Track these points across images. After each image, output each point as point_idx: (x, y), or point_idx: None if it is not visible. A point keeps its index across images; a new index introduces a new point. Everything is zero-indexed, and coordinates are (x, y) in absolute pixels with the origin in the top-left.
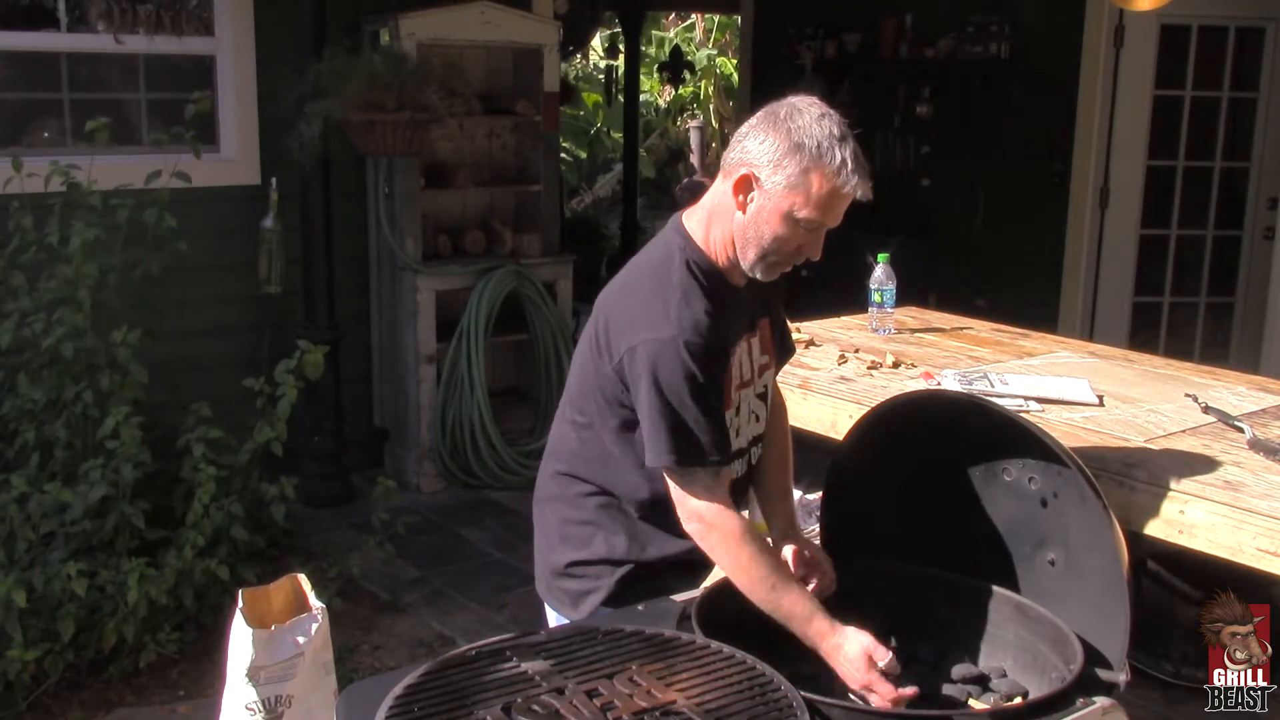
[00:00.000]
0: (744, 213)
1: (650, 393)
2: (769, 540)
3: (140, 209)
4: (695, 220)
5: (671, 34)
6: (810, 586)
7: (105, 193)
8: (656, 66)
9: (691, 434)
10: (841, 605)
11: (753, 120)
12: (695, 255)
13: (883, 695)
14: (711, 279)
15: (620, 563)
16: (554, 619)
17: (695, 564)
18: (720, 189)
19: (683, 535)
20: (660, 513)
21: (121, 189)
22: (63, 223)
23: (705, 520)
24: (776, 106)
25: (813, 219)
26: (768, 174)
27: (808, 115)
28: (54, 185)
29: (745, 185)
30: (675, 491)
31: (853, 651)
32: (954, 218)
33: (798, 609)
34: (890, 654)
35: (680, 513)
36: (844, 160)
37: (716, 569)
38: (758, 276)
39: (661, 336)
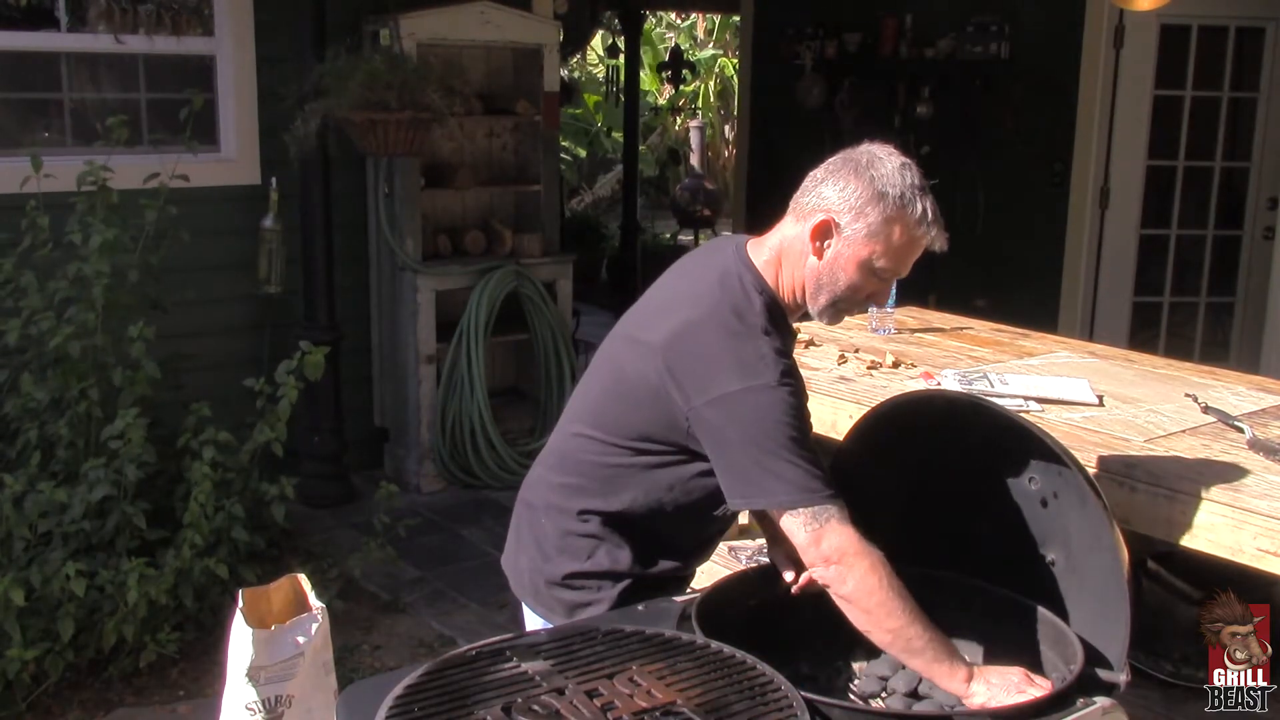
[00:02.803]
0: (820, 259)
1: (756, 439)
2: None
3: (161, 208)
4: (763, 260)
5: (676, 30)
6: (798, 584)
7: (125, 191)
8: (656, 66)
9: (811, 472)
10: None
11: (830, 165)
12: (770, 297)
13: None
14: (782, 319)
15: (623, 576)
16: (533, 625)
17: (688, 578)
18: (793, 232)
19: (674, 557)
20: (669, 531)
21: (123, 190)
22: (83, 222)
23: (847, 557)
24: (855, 153)
25: (888, 268)
26: (848, 221)
27: (889, 164)
28: (68, 185)
29: (824, 231)
30: (805, 535)
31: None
32: (954, 218)
33: (942, 650)
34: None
35: (813, 556)
36: (925, 211)
37: (700, 575)
38: (824, 321)
39: (761, 384)
